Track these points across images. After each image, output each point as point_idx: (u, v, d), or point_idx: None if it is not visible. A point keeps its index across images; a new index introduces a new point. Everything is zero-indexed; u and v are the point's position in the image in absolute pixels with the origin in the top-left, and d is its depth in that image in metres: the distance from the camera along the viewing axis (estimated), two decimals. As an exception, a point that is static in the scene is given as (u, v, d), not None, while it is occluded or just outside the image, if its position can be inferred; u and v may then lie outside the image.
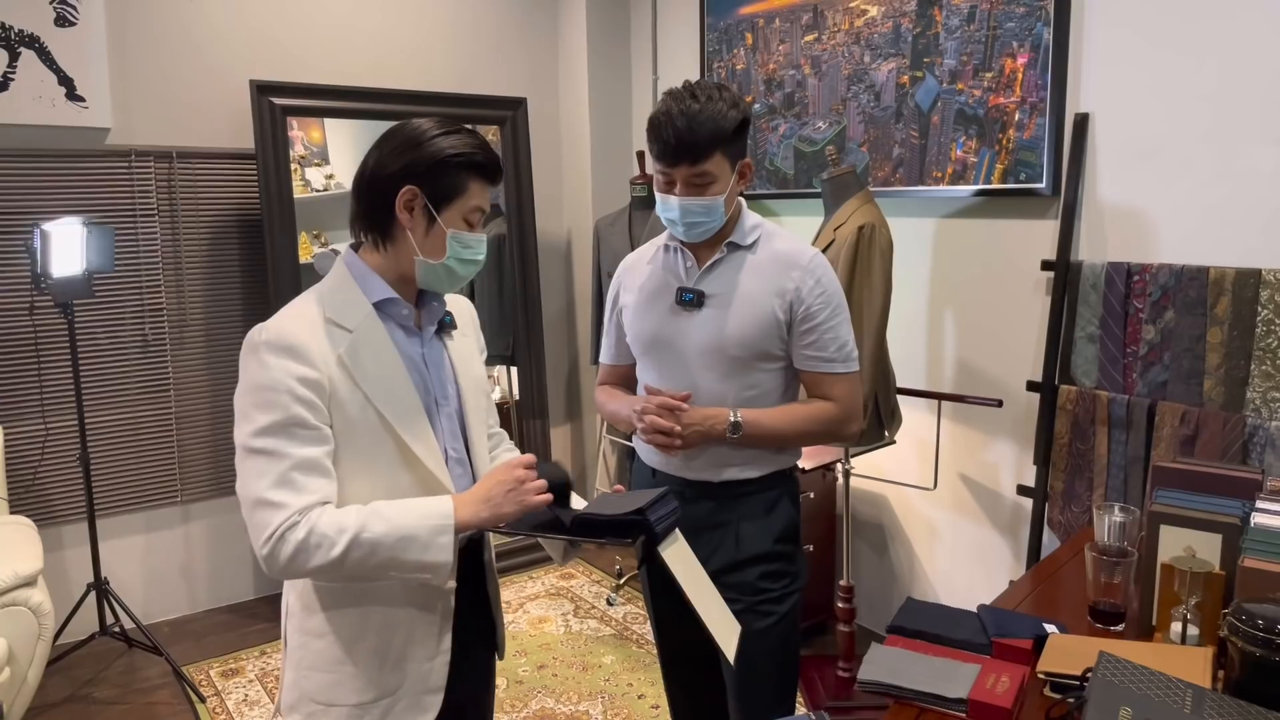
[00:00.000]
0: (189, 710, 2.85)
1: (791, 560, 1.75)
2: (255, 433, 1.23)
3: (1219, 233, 2.30)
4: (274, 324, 1.27)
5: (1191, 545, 1.50)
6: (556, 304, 4.32)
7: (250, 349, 1.26)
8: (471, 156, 1.31)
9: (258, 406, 1.23)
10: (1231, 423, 2.22)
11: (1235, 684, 1.22)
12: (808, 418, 1.69)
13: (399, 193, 1.30)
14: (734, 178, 1.65)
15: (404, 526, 1.24)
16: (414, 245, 1.33)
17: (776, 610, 1.71)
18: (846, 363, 1.68)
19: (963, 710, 1.31)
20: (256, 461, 1.23)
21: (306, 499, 1.22)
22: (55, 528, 3.24)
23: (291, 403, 1.23)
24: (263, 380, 1.24)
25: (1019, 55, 2.64)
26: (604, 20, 4.12)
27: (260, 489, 1.21)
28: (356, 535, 1.21)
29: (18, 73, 3.01)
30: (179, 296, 3.41)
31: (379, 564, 1.24)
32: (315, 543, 1.20)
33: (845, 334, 1.69)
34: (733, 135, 1.61)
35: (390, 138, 1.33)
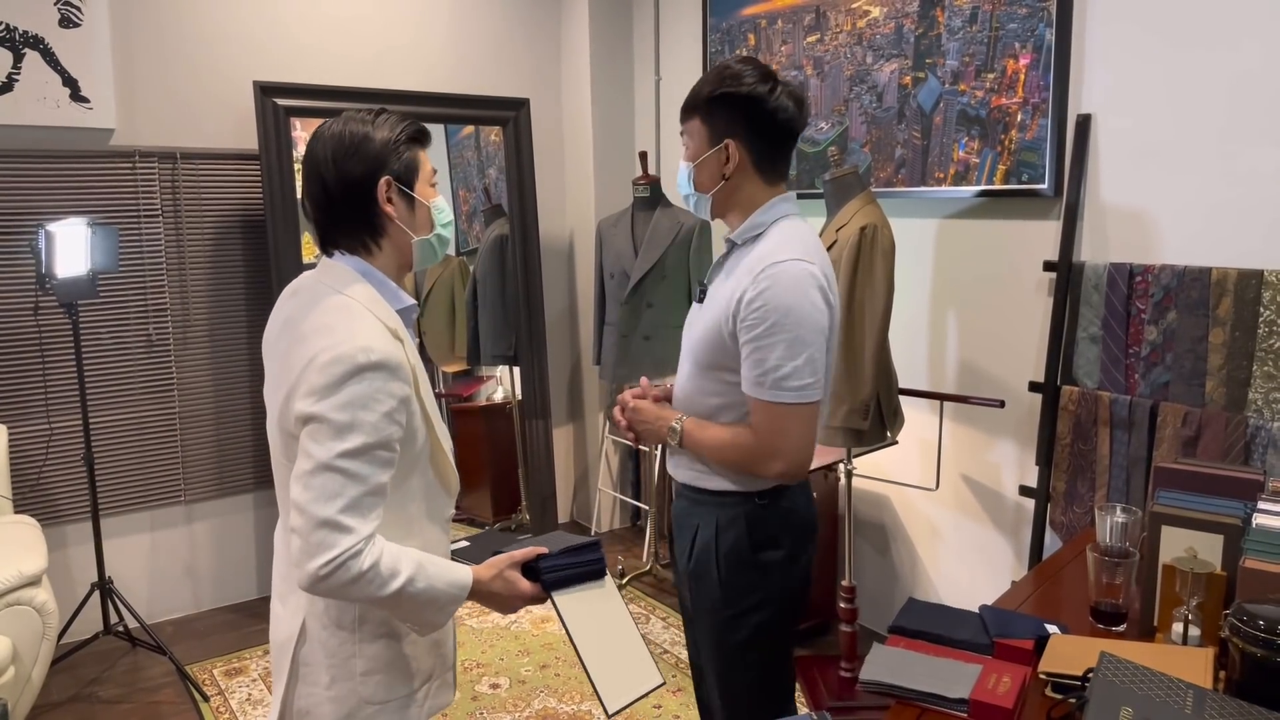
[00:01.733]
0: (193, 709, 2.86)
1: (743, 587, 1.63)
2: (343, 453, 1.22)
3: (1221, 233, 2.30)
4: (372, 343, 1.25)
5: (1193, 546, 1.50)
6: (559, 305, 4.33)
7: (355, 370, 1.23)
8: (409, 129, 1.37)
9: (353, 427, 1.22)
10: (1233, 423, 2.22)
11: (1236, 685, 1.23)
12: (725, 442, 1.56)
13: (377, 188, 1.33)
14: (711, 153, 1.56)
15: (434, 590, 1.30)
16: (405, 230, 1.38)
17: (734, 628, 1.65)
18: (773, 390, 1.48)
19: (964, 710, 1.31)
20: (334, 480, 1.21)
21: (370, 526, 1.24)
22: (59, 527, 3.25)
23: (388, 425, 1.25)
24: (366, 401, 1.23)
25: (1021, 56, 2.64)
26: (606, 21, 4.12)
27: (332, 510, 1.21)
28: (404, 586, 1.26)
29: (22, 74, 3.02)
30: (183, 297, 3.42)
31: (402, 612, 1.31)
32: (371, 577, 1.23)
33: (778, 358, 1.47)
34: (707, 103, 1.55)
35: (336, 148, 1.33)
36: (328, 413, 1.22)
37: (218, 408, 3.52)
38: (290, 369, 1.29)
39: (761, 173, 1.58)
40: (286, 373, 1.30)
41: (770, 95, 1.53)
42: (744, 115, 1.54)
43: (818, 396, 1.51)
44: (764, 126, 1.55)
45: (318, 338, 1.26)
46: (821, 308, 1.49)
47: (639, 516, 4.43)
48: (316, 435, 1.23)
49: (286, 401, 1.29)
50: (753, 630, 1.64)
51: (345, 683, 1.35)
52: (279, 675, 1.40)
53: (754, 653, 1.66)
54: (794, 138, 1.59)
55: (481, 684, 2.95)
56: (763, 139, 1.56)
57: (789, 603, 1.66)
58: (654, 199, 3.55)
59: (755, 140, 1.56)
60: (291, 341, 1.31)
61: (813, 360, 1.48)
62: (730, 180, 1.58)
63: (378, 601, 1.26)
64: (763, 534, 1.61)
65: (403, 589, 1.25)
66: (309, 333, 1.28)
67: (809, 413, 1.51)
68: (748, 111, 1.54)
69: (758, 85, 1.52)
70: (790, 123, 1.56)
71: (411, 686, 1.40)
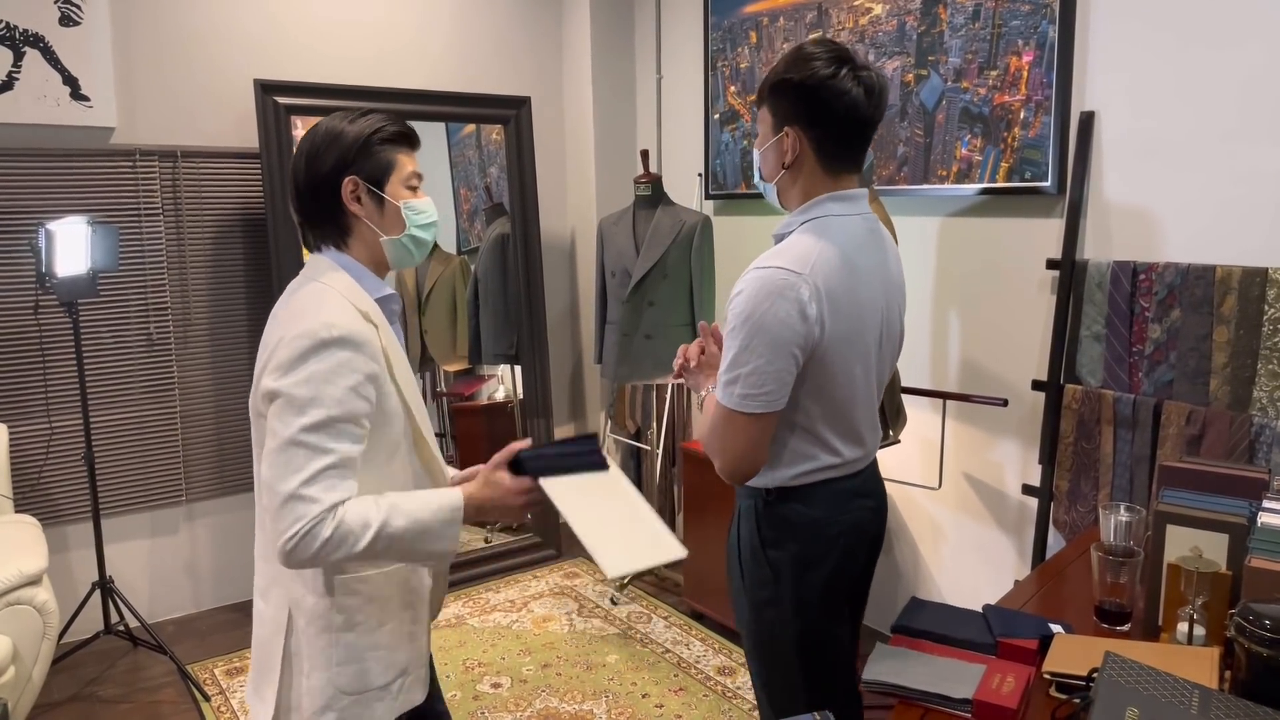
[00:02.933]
0: (193, 709, 2.86)
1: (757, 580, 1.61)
2: (306, 427, 1.24)
3: (1225, 231, 2.29)
4: (336, 319, 1.28)
5: (1198, 545, 1.49)
6: (560, 303, 4.32)
7: (318, 345, 1.26)
8: (385, 129, 1.38)
9: (315, 401, 1.25)
10: (1238, 422, 2.21)
11: (1242, 684, 1.22)
12: (702, 425, 1.56)
13: (341, 187, 1.36)
14: (773, 141, 1.52)
15: (421, 521, 1.30)
16: (374, 229, 1.39)
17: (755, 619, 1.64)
18: (719, 388, 1.47)
19: (968, 710, 1.31)
20: (298, 455, 1.24)
21: (336, 496, 1.25)
22: (60, 527, 3.24)
23: (353, 399, 1.27)
24: (329, 375, 1.26)
25: (1024, 53, 2.63)
26: (608, 19, 4.11)
27: (295, 484, 1.23)
28: (379, 531, 1.26)
29: (22, 72, 3.02)
30: (183, 295, 3.42)
31: (396, 554, 1.32)
32: (341, 537, 1.24)
33: (730, 359, 1.44)
34: (770, 90, 1.50)
35: (309, 146, 1.38)
36: (290, 388, 1.25)
37: (218, 407, 3.51)
38: (263, 352, 1.33)
39: (824, 163, 1.50)
40: (260, 357, 1.34)
41: (832, 80, 1.43)
42: (803, 102, 1.46)
43: (754, 409, 1.43)
44: (823, 114, 1.46)
45: (288, 321, 1.30)
46: (790, 321, 1.40)
47: (640, 516, 4.41)
48: (280, 413, 1.26)
49: (256, 382, 1.33)
50: (769, 625, 1.62)
51: (323, 673, 1.37)
52: (266, 673, 1.40)
53: (771, 648, 1.64)
54: (862, 125, 1.48)
55: (483, 683, 2.95)
56: (823, 127, 1.47)
57: (806, 607, 1.58)
58: (655, 198, 3.54)
59: (815, 129, 1.48)
60: (268, 330, 1.35)
61: (760, 372, 1.41)
62: (790, 170, 1.52)
63: (362, 556, 1.27)
64: (768, 532, 1.59)
65: (379, 534, 1.26)
66: (283, 318, 1.33)
67: (745, 423, 1.44)
68: (806, 98, 1.46)
69: (820, 70, 1.44)
70: (854, 110, 1.45)
71: (386, 678, 1.41)
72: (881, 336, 1.56)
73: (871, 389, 1.58)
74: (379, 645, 1.40)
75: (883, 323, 1.55)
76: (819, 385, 1.49)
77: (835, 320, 1.45)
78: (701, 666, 3.04)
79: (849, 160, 1.53)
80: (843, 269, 1.46)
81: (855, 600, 1.73)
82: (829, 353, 1.47)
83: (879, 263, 1.55)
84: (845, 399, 1.53)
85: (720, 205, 3.83)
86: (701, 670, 3.01)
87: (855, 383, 1.53)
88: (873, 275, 1.52)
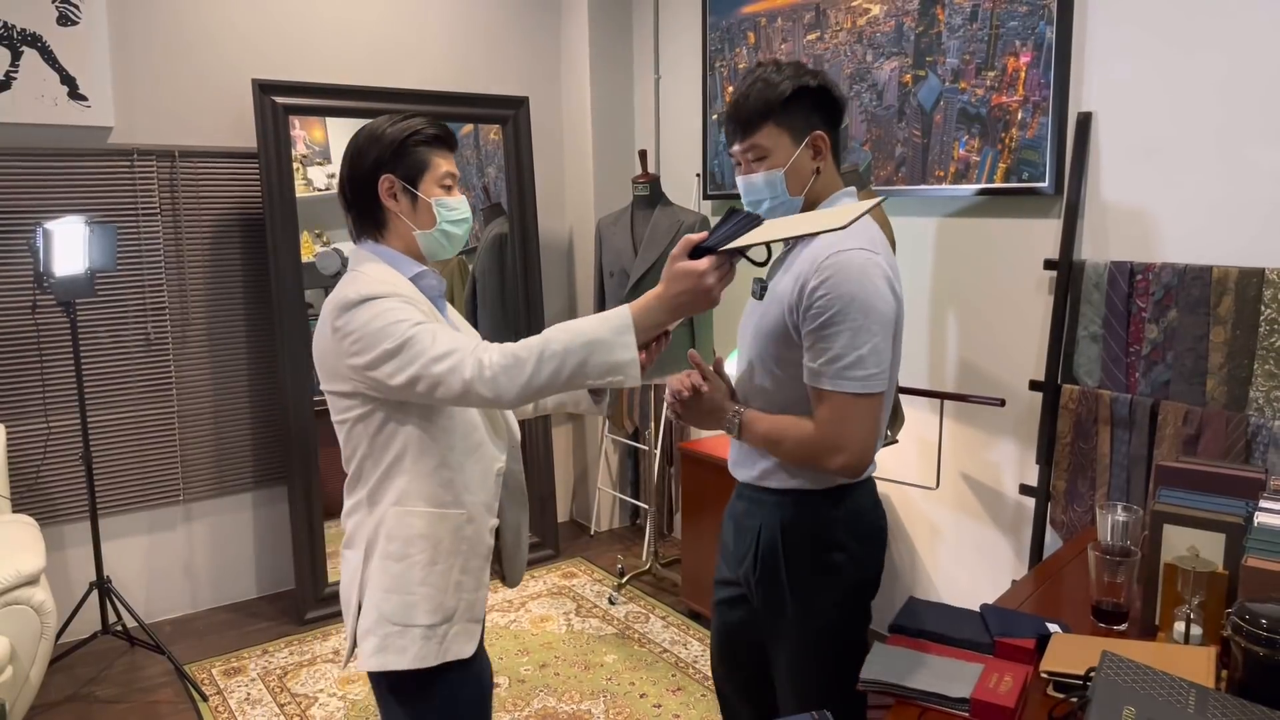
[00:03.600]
0: (191, 709, 2.86)
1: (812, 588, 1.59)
2: (395, 336, 1.36)
3: (1222, 232, 2.30)
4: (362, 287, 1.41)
5: (1195, 545, 1.49)
6: (558, 303, 4.32)
7: (349, 305, 1.39)
8: (423, 132, 1.51)
9: (385, 325, 1.37)
10: (1234, 422, 2.22)
11: (1238, 684, 1.22)
12: (784, 433, 1.52)
13: (379, 185, 1.50)
14: (799, 151, 1.53)
15: (586, 333, 1.34)
16: (408, 223, 1.52)
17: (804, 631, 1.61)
18: (835, 379, 1.44)
19: (966, 710, 1.31)
20: (409, 349, 1.35)
21: (466, 340, 1.37)
22: (57, 526, 3.24)
23: (412, 310, 1.40)
24: (377, 309, 1.38)
25: (1022, 54, 2.63)
26: (606, 19, 4.11)
27: (429, 354, 1.35)
28: (543, 350, 1.32)
29: (20, 72, 3.02)
30: (181, 295, 3.41)
31: (571, 372, 1.34)
32: (504, 365, 1.33)
33: (841, 346, 1.43)
34: (784, 105, 1.51)
35: (353, 145, 1.52)
36: (357, 343, 1.38)
37: (216, 407, 3.51)
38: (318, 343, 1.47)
39: (836, 164, 1.60)
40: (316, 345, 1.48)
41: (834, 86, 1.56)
42: (822, 104, 1.54)
43: (881, 388, 1.46)
44: (835, 113, 1.57)
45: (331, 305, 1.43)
46: (888, 298, 1.46)
47: (638, 515, 4.42)
48: (363, 354, 1.38)
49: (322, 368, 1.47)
50: (820, 634, 1.59)
51: (372, 596, 1.48)
52: (348, 612, 1.53)
53: (825, 655, 1.61)
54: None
55: (481, 683, 2.95)
56: (834, 126, 1.57)
57: (858, 607, 1.62)
58: (653, 197, 3.55)
59: (833, 131, 1.57)
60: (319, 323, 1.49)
61: (877, 350, 1.44)
62: (820, 174, 1.56)
63: (543, 375, 1.33)
64: (828, 535, 1.57)
65: (543, 354, 1.32)
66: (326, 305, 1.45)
67: (872, 404, 1.46)
68: (828, 100, 1.55)
69: (823, 76, 1.54)
70: (844, 104, 1.60)
71: (431, 620, 1.48)
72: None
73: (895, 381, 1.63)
74: (426, 583, 1.48)
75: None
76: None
77: (899, 299, 1.52)
78: (699, 666, 3.04)
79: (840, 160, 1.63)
80: (890, 252, 1.55)
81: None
82: (897, 333, 1.53)
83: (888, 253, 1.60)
84: (892, 386, 1.57)
85: (718, 205, 3.83)
86: (699, 670, 3.02)
87: (897, 370, 1.59)
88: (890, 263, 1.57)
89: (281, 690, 2.94)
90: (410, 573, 1.47)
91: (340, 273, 3.90)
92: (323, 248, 3.88)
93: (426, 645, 1.48)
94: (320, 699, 2.88)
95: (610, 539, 4.25)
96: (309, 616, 3.41)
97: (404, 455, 1.47)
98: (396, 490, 1.48)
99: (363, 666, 1.49)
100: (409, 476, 1.47)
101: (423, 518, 1.48)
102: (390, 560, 1.48)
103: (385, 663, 1.47)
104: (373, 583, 1.48)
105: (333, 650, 3.20)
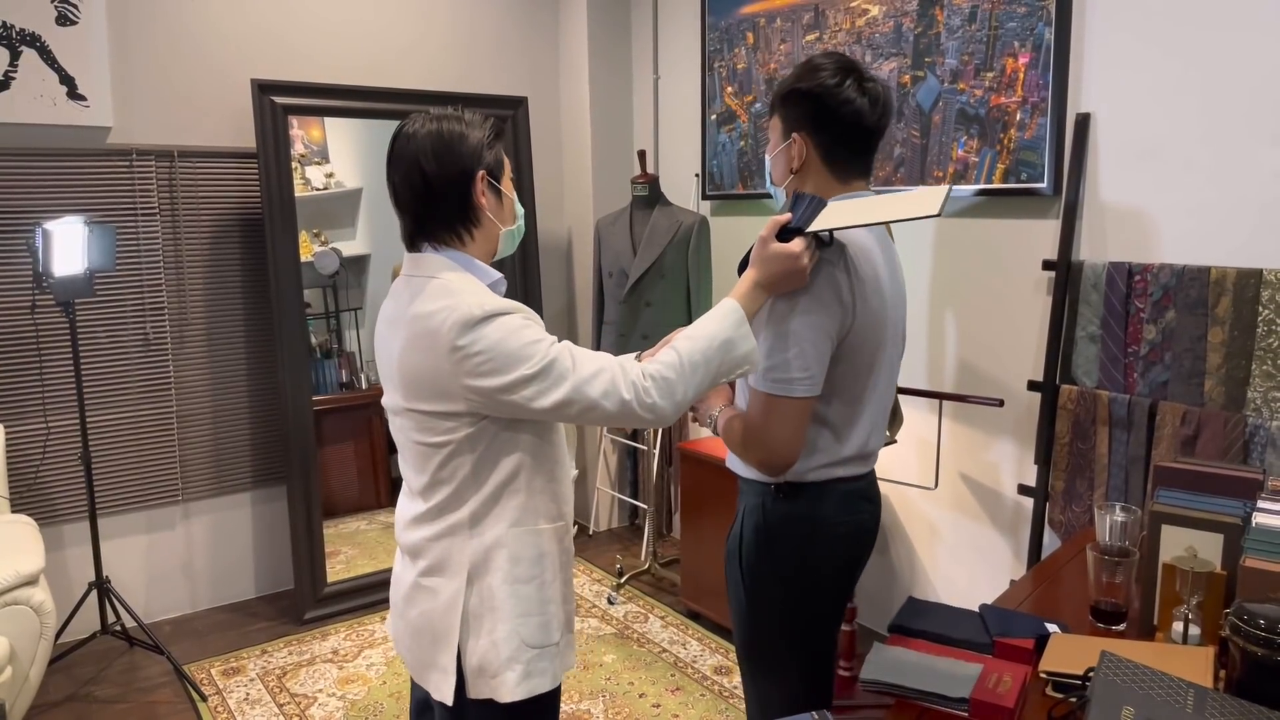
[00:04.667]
0: (190, 709, 2.86)
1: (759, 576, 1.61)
2: (536, 359, 1.33)
3: (1220, 232, 2.30)
4: (481, 300, 1.36)
5: (1193, 545, 1.50)
6: (557, 303, 4.32)
7: (474, 323, 1.33)
8: (496, 127, 1.50)
9: (523, 345, 1.33)
10: (1232, 422, 2.22)
11: (1237, 684, 1.22)
12: (730, 426, 1.57)
13: (474, 184, 1.43)
14: (782, 147, 1.58)
15: (716, 335, 1.39)
16: (496, 220, 1.49)
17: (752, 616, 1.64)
18: (759, 379, 1.49)
19: (965, 710, 1.31)
20: (553, 371, 1.33)
21: (606, 356, 1.38)
22: (57, 526, 3.24)
23: (541, 329, 1.38)
24: (509, 326, 1.34)
25: (1020, 55, 2.64)
26: (605, 19, 4.12)
27: (578, 375, 1.34)
28: (687, 362, 1.37)
29: (19, 72, 3.01)
30: (180, 295, 3.41)
31: (714, 376, 1.40)
32: (658, 384, 1.35)
33: (768, 348, 1.47)
34: (781, 99, 1.57)
35: (437, 144, 1.42)
36: (487, 362, 1.32)
37: (215, 407, 3.51)
38: (409, 360, 1.38)
39: (831, 169, 1.56)
40: (403, 363, 1.39)
41: (839, 89, 1.51)
42: (810, 110, 1.54)
43: (805, 393, 1.46)
44: (829, 121, 1.53)
45: (430, 319, 1.35)
46: (830, 306, 1.46)
47: (637, 515, 4.42)
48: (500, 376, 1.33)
49: (417, 387, 1.38)
50: (766, 623, 1.63)
51: (507, 624, 1.42)
52: (444, 644, 1.43)
53: (768, 646, 1.64)
54: (867, 133, 1.55)
55: (480, 683, 2.95)
56: (829, 133, 1.54)
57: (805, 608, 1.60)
58: (653, 198, 3.55)
59: (821, 134, 1.54)
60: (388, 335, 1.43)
61: (804, 356, 1.45)
62: (798, 174, 1.57)
63: (689, 384, 1.37)
64: (776, 528, 1.60)
65: (683, 367, 1.36)
66: (415, 318, 1.37)
67: (792, 407, 1.46)
68: (814, 106, 1.53)
69: (828, 79, 1.52)
70: (857, 117, 1.52)
71: (559, 635, 1.48)
72: (889, 336, 1.57)
73: (881, 389, 1.60)
74: (553, 599, 1.47)
75: (891, 321, 1.57)
76: (841, 374, 1.52)
77: (863, 309, 1.50)
78: (698, 666, 3.04)
79: (855, 166, 1.58)
80: (862, 258, 1.51)
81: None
82: (855, 341, 1.51)
83: (886, 260, 1.57)
84: (861, 391, 1.55)
85: (717, 206, 3.83)
86: (698, 670, 3.02)
87: (872, 376, 1.56)
88: (882, 271, 1.55)
89: (281, 690, 2.94)
90: (543, 592, 1.45)
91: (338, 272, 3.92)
92: (321, 247, 3.88)
93: (555, 662, 1.47)
94: (319, 699, 2.88)
95: (609, 539, 4.26)
96: (308, 616, 3.41)
97: (518, 473, 1.43)
98: (514, 509, 1.43)
99: (510, 698, 1.41)
100: (526, 494, 1.43)
101: (545, 535, 1.46)
102: (520, 584, 1.43)
103: (533, 689, 1.43)
104: (501, 609, 1.42)
105: (332, 650, 3.20)
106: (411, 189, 1.43)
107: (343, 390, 3.92)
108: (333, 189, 3.83)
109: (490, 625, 1.41)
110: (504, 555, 1.42)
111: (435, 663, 1.44)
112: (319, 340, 3.88)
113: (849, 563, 1.63)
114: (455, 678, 1.42)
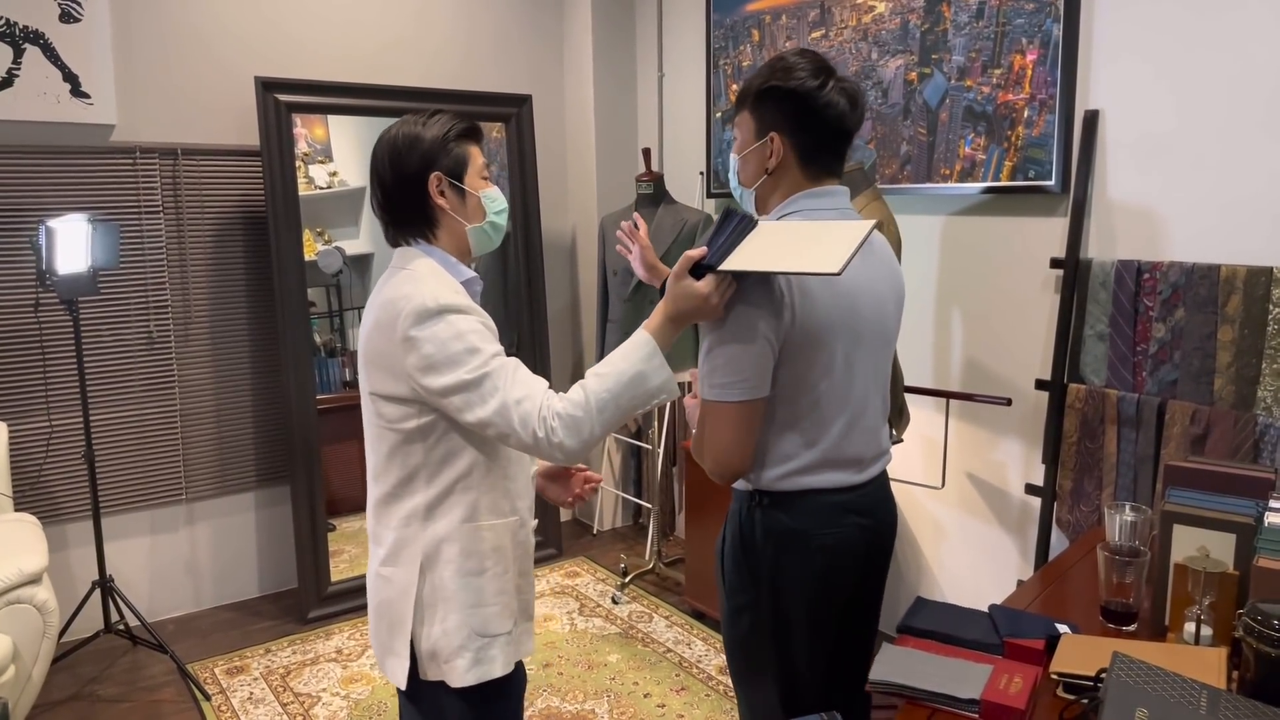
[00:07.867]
0: (194, 708, 2.85)
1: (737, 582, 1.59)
2: (473, 367, 1.38)
3: (1230, 230, 2.28)
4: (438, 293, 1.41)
5: (1205, 545, 1.48)
6: (561, 301, 4.31)
7: (427, 315, 1.39)
8: (457, 127, 1.52)
9: (465, 351, 1.38)
10: (1242, 421, 2.20)
11: (1250, 684, 1.21)
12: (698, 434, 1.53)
13: (428, 184, 1.49)
14: (756, 146, 1.53)
15: (625, 371, 1.41)
16: (458, 219, 1.53)
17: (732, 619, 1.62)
18: (701, 385, 1.47)
19: (975, 711, 1.30)
20: (485, 384, 1.38)
21: (540, 385, 1.41)
22: (60, 525, 3.24)
23: (491, 337, 1.43)
24: (459, 328, 1.40)
25: (1028, 52, 2.62)
26: (609, 17, 4.10)
27: (506, 398, 1.38)
28: (594, 401, 1.39)
29: (22, 69, 3.01)
30: (184, 293, 3.41)
31: (624, 411, 1.41)
32: (565, 425, 1.37)
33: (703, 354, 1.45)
34: (755, 97, 1.51)
35: (390, 150, 1.51)
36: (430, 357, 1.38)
37: (219, 405, 3.51)
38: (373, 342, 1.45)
39: (805, 169, 1.52)
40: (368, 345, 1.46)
41: (820, 91, 1.47)
42: (791, 110, 1.49)
43: (738, 397, 1.42)
44: (811, 123, 1.49)
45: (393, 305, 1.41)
46: (757, 303, 1.40)
47: (641, 515, 4.41)
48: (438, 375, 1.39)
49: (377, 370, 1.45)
50: (744, 631, 1.60)
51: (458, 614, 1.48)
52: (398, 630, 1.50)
53: (746, 653, 1.62)
54: (844, 135, 1.52)
55: (484, 683, 2.94)
56: (809, 135, 1.50)
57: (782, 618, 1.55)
58: (657, 196, 3.54)
59: (801, 136, 1.50)
60: (369, 317, 1.47)
61: (735, 360, 1.41)
62: (773, 175, 1.53)
63: (600, 423, 1.39)
64: (750, 537, 1.56)
65: (596, 406, 1.39)
66: (383, 303, 1.44)
67: (729, 412, 1.42)
68: (795, 107, 1.48)
69: (808, 80, 1.47)
70: (840, 120, 1.49)
71: (508, 626, 1.53)
72: (866, 332, 1.51)
73: (859, 389, 1.52)
74: (503, 591, 1.52)
75: (867, 318, 1.50)
76: (796, 374, 1.46)
77: (808, 308, 1.43)
78: (703, 666, 3.03)
79: (830, 167, 1.54)
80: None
81: (858, 619, 1.64)
82: (801, 339, 1.44)
83: (862, 253, 1.49)
84: (828, 391, 1.48)
85: (722, 204, 3.82)
86: (703, 670, 3.01)
87: (838, 375, 1.49)
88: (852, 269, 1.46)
89: (284, 689, 2.94)
90: (495, 583, 1.51)
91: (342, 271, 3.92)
92: (325, 246, 3.87)
93: (507, 649, 1.53)
94: (323, 698, 2.88)
95: (613, 538, 4.25)
96: (311, 615, 3.41)
97: (472, 470, 1.48)
98: (465, 506, 1.48)
99: (460, 683, 1.48)
100: (478, 491, 1.49)
101: (494, 530, 1.51)
102: (471, 576, 1.49)
103: (483, 674, 1.49)
104: (452, 600, 1.48)
105: (335, 649, 3.20)
106: (378, 192, 1.52)
107: (346, 389, 3.92)
108: (336, 187, 3.82)
109: (443, 614, 1.48)
110: (455, 549, 1.48)
111: (391, 648, 1.52)
112: (322, 339, 3.87)
113: (825, 574, 1.53)
114: (409, 662, 1.49)
